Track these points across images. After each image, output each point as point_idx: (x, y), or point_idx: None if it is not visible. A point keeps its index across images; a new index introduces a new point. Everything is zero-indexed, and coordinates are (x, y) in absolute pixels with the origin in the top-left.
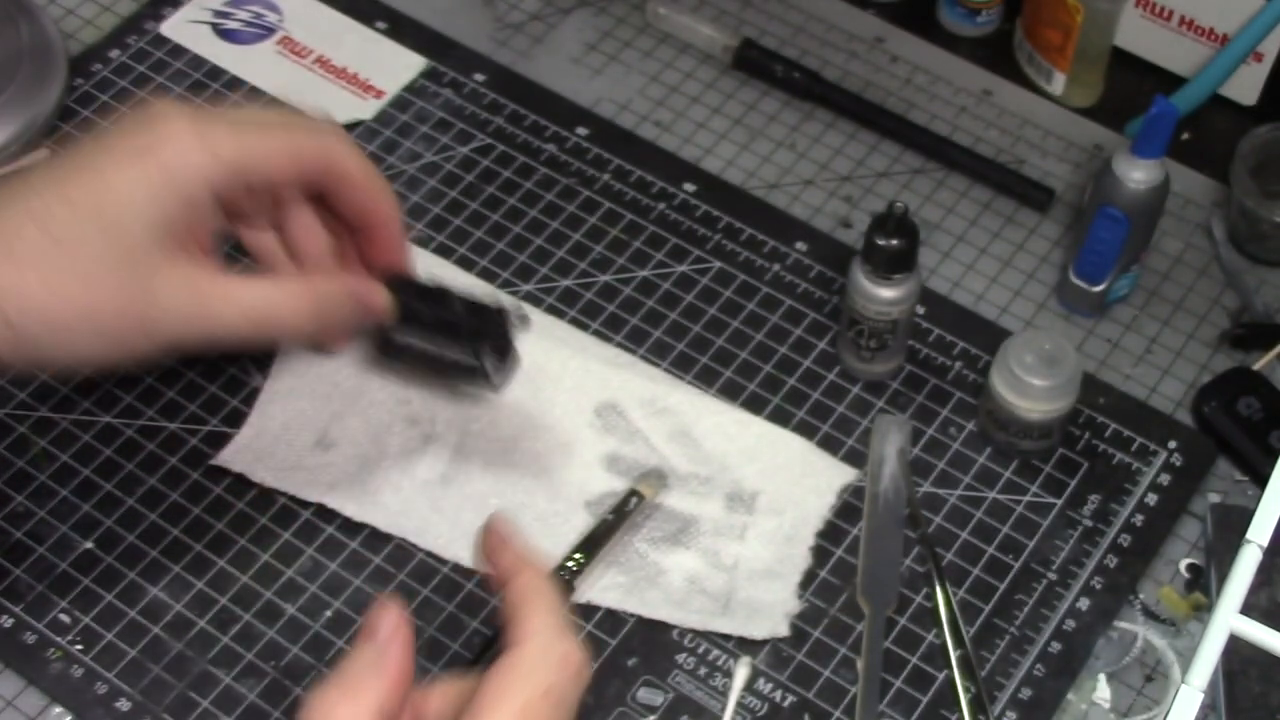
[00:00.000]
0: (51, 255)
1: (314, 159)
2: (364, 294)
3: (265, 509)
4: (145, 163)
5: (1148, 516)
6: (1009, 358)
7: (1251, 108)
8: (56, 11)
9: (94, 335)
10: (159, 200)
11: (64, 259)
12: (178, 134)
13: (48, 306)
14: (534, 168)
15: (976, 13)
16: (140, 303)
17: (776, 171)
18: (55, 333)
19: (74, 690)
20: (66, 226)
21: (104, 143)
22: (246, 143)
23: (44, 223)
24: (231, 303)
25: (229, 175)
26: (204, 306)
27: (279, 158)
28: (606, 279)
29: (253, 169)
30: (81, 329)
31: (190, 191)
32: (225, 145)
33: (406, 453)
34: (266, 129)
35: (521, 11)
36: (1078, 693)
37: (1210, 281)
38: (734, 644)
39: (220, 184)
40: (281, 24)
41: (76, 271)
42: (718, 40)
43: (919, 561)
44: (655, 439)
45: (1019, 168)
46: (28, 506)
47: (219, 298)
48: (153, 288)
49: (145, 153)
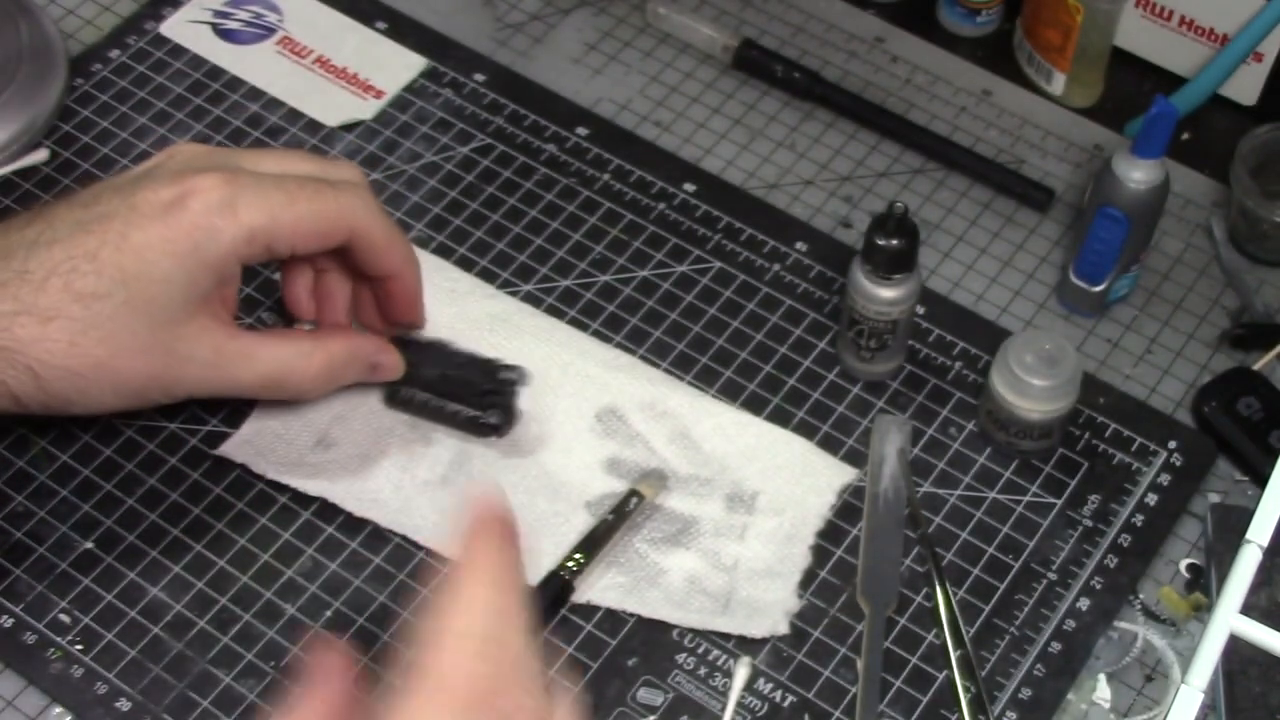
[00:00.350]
0: (76, 312)
1: (338, 227)
2: (375, 356)
3: (265, 509)
4: (172, 226)
5: (1148, 516)
6: (1009, 358)
7: (1251, 108)
8: (56, 11)
9: (114, 391)
10: (185, 268)
11: (89, 318)
12: (206, 198)
13: (70, 362)
14: (534, 168)
15: (976, 13)
16: (161, 364)
17: (776, 171)
18: (77, 386)
19: (74, 690)
20: (91, 285)
21: (129, 194)
22: (273, 212)
23: (69, 279)
24: (251, 364)
25: (255, 247)
26: (223, 369)
27: (305, 227)
28: (606, 279)
29: (279, 239)
30: (103, 384)
31: (216, 261)
32: (253, 215)
33: (407, 453)
34: (293, 196)
35: (521, 11)
36: (1078, 693)
37: (1210, 281)
38: (734, 644)
39: (246, 255)
40: (281, 24)
41: (101, 331)
42: (718, 40)
43: (919, 561)
44: (655, 442)
45: (1019, 168)
46: (28, 506)
47: (240, 358)
48: (175, 350)
49: (172, 213)
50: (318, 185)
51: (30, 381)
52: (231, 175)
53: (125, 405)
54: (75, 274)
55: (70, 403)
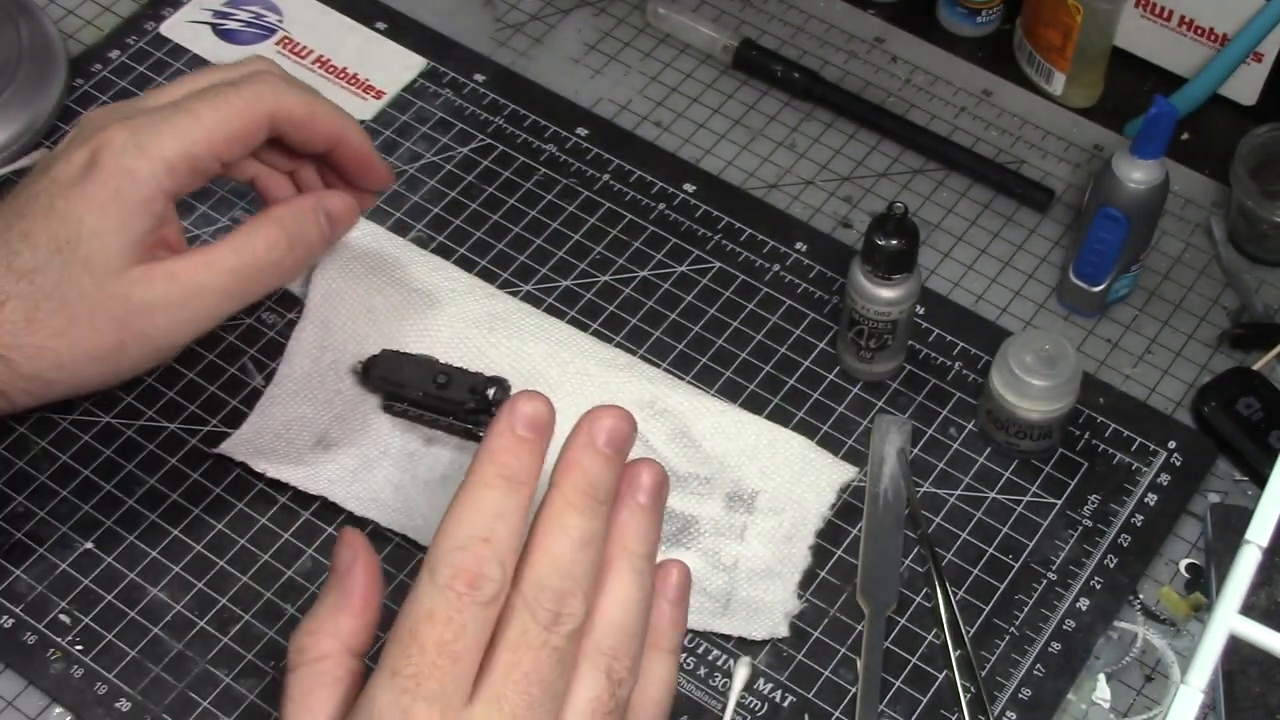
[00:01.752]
0: (23, 290)
1: (253, 120)
2: (323, 204)
3: (265, 509)
4: (90, 183)
5: (1148, 516)
6: (1009, 358)
7: (1251, 108)
8: (56, 11)
9: (90, 357)
10: (112, 217)
11: (35, 291)
12: (116, 147)
13: (33, 338)
14: (534, 168)
15: (976, 13)
16: (123, 317)
17: (776, 171)
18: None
19: (74, 690)
20: (30, 261)
21: (47, 170)
22: (182, 136)
23: (10, 262)
24: (213, 269)
25: (179, 176)
26: (190, 288)
27: (219, 135)
28: (606, 279)
29: (198, 158)
30: (75, 354)
31: (143, 204)
32: (163, 145)
33: (407, 453)
34: (196, 113)
35: (521, 11)
36: (1078, 693)
37: (1210, 281)
38: (734, 644)
39: (172, 187)
40: (281, 24)
41: (52, 301)
42: (718, 40)
43: (919, 561)
44: (655, 441)
45: (1019, 168)
46: (28, 506)
47: (200, 271)
48: (131, 298)
49: (88, 173)
50: (220, 90)
51: (3, 369)
52: (132, 119)
53: (112, 373)
54: (15, 256)
55: (51, 382)
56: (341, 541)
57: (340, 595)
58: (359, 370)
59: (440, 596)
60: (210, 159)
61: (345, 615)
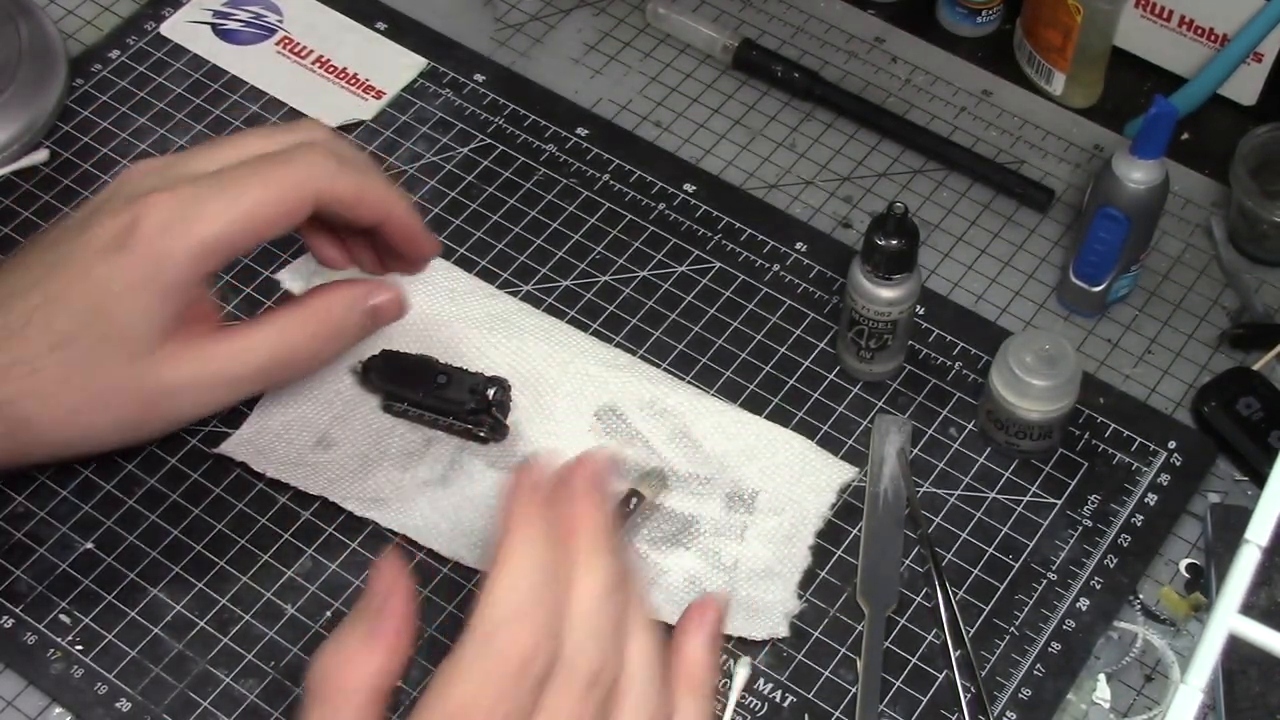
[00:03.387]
0: (55, 360)
1: (298, 201)
2: (371, 298)
3: (265, 509)
4: (125, 257)
5: (1148, 516)
6: (1009, 358)
7: (1251, 108)
8: (56, 11)
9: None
10: (146, 297)
11: (67, 362)
12: (151, 221)
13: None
14: (534, 168)
15: (976, 13)
16: (150, 395)
17: (776, 171)
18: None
19: (74, 690)
20: (63, 328)
21: (83, 231)
22: (222, 217)
23: (44, 325)
24: (245, 356)
25: (215, 258)
26: (220, 376)
27: (260, 218)
28: (606, 279)
29: (236, 240)
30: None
31: (175, 284)
32: (202, 228)
33: (407, 453)
34: (239, 192)
35: (521, 11)
36: (1078, 693)
37: (1210, 281)
38: (734, 644)
39: (207, 268)
40: (281, 24)
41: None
42: (718, 40)
43: (919, 561)
44: (655, 441)
45: (1019, 168)
46: (28, 506)
47: (233, 360)
48: (160, 379)
49: (124, 244)
50: (267, 166)
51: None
52: (174, 190)
53: (132, 437)
54: (49, 319)
55: (71, 445)
56: (381, 565)
57: (375, 624)
58: (359, 370)
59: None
60: (250, 239)
61: (378, 649)
